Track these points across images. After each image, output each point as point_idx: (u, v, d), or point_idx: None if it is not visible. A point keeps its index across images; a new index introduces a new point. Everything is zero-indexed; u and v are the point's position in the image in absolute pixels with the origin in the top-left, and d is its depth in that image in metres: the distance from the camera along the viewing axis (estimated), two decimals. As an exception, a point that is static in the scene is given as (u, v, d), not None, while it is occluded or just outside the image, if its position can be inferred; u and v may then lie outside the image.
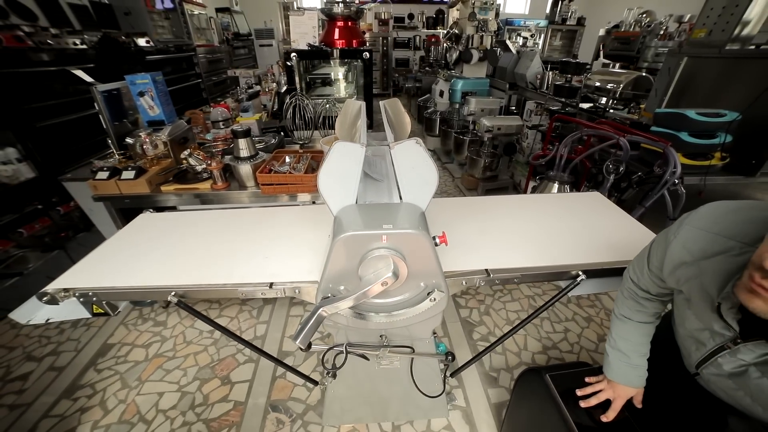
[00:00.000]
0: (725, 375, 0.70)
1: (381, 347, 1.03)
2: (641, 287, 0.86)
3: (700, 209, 0.70)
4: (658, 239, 0.80)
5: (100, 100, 1.68)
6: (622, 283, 0.93)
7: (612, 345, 0.92)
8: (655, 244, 0.80)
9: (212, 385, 1.69)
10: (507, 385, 1.69)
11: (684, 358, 0.84)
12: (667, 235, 0.74)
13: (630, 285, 0.89)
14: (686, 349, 0.81)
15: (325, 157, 0.79)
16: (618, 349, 0.90)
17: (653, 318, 0.89)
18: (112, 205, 1.73)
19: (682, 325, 0.80)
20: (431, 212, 0.87)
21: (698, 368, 0.77)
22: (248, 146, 1.63)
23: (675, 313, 0.84)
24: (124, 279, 1.05)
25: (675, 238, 0.70)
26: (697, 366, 0.77)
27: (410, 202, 0.84)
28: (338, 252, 0.76)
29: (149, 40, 3.89)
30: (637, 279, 0.87)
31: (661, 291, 0.83)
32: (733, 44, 2.16)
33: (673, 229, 0.73)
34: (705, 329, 0.71)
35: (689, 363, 0.82)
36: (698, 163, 2.04)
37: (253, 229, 1.30)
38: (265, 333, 1.99)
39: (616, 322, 0.92)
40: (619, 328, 0.91)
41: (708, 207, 0.69)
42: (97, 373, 1.71)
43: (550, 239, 1.21)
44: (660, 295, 0.85)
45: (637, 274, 0.87)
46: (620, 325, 0.91)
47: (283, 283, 1.02)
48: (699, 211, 0.70)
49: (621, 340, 0.90)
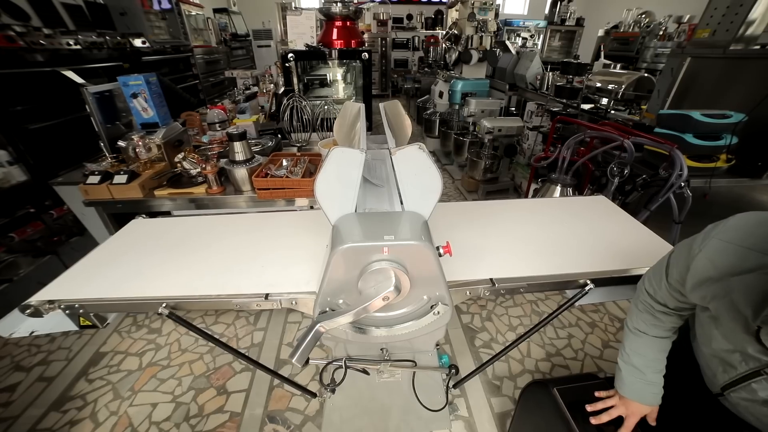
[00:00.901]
0: (760, 402, 0.65)
1: (382, 361, 0.98)
2: (658, 300, 0.81)
3: (729, 220, 0.64)
4: (678, 250, 0.74)
5: (91, 102, 1.63)
6: (636, 294, 0.88)
7: (625, 360, 0.86)
8: (675, 256, 0.75)
9: (207, 395, 1.64)
10: (510, 394, 1.64)
11: (706, 377, 0.80)
12: (691, 247, 0.68)
13: (645, 298, 0.84)
14: (710, 369, 0.76)
15: (322, 164, 0.74)
16: (632, 364, 0.84)
17: (670, 333, 0.83)
18: (104, 210, 1.68)
19: (706, 345, 0.74)
20: (432, 218, 0.83)
21: (724, 390, 0.72)
22: (244, 149, 1.59)
23: (697, 330, 0.79)
24: (113, 290, 1.01)
25: (700, 251, 0.65)
26: (723, 388, 0.73)
27: (412, 211, 0.80)
28: (336, 264, 0.71)
29: (145, 40, 3.83)
30: (654, 292, 0.81)
31: (680, 305, 0.78)
32: (737, 44, 2.13)
33: (697, 241, 0.67)
34: (735, 351, 0.66)
35: (713, 383, 0.77)
36: (703, 165, 2.00)
37: (248, 236, 1.25)
38: (262, 340, 1.94)
39: (630, 335, 0.87)
40: (632, 342, 0.86)
41: (738, 218, 0.63)
42: (89, 383, 1.66)
43: (555, 246, 1.17)
44: (678, 310, 0.80)
45: (654, 287, 0.81)
46: (634, 339, 0.85)
47: (279, 294, 0.97)
48: (728, 223, 0.64)
49: (635, 355, 0.84)
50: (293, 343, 1.93)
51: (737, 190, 2.04)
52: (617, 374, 0.89)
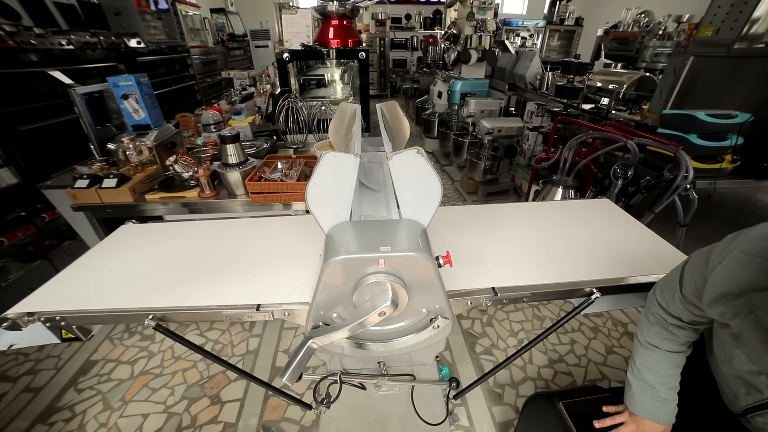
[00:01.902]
0: None
1: (379, 376, 0.94)
2: (671, 313, 0.76)
3: (751, 230, 0.59)
4: (694, 261, 0.69)
5: (79, 103, 1.58)
6: (647, 306, 0.83)
7: (635, 375, 0.81)
8: (689, 267, 0.70)
9: (201, 405, 1.59)
10: (512, 402, 1.60)
11: (725, 395, 0.74)
12: (708, 259, 0.63)
13: (657, 310, 0.79)
14: (730, 389, 0.71)
15: (314, 169, 0.70)
16: (643, 380, 0.79)
17: (684, 347, 0.78)
18: (93, 215, 1.63)
19: (726, 363, 0.69)
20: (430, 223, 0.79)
21: (747, 413, 0.67)
22: (237, 152, 1.54)
23: (716, 347, 0.74)
24: (98, 300, 0.96)
25: (720, 263, 0.60)
26: (746, 410, 0.67)
27: (410, 219, 0.76)
28: (329, 277, 0.67)
29: (140, 41, 3.78)
30: (666, 304, 0.76)
31: (695, 319, 0.72)
32: (741, 43, 2.09)
33: (716, 252, 0.62)
34: (762, 374, 0.60)
35: (733, 404, 0.72)
36: (708, 166, 1.96)
37: (241, 242, 1.21)
38: (257, 347, 1.90)
39: (641, 349, 0.81)
40: (644, 356, 0.80)
41: (762, 228, 0.57)
42: (78, 393, 1.61)
43: (559, 251, 1.13)
44: (694, 324, 0.74)
45: (666, 299, 0.76)
46: (645, 353, 0.80)
47: (271, 305, 0.93)
48: (751, 233, 0.58)
49: (646, 371, 0.79)
50: (289, 351, 1.88)
51: (743, 191, 1.99)
52: (627, 389, 0.84)
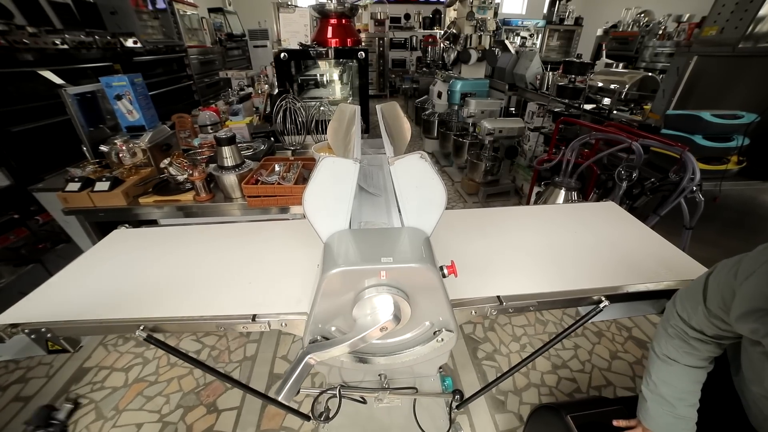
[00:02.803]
0: None
1: (380, 390, 0.90)
2: (693, 326, 0.71)
3: None
4: (719, 273, 0.64)
5: (71, 104, 1.54)
6: (665, 317, 0.78)
7: (651, 389, 0.76)
8: (715, 278, 0.65)
9: (197, 414, 1.55)
10: (516, 410, 1.56)
11: (752, 416, 0.70)
12: (738, 270, 0.59)
13: (677, 322, 0.74)
14: (760, 410, 0.67)
15: (312, 175, 0.66)
16: (659, 395, 0.75)
17: (706, 363, 0.73)
18: (86, 219, 1.59)
19: (757, 383, 0.65)
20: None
21: None
22: (233, 154, 1.50)
23: (744, 364, 0.69)
24: (87, 310, 0.92)
25: (752, 275, 0.55)
26: None
27: (413, 226, 0.72)
28: (327, 290, 0.63)
29: (137, 40, 3.73)
30: (688, 317, 0.72)
31: (720, 333, 0.68)
32: (746, 42, 2.06)
33: (747, 264, 0.58)
34: None
35: (763, 426, 0.68)
36: (713, 168, 1.93)
37: (237, 248, 1.17)
38: (255, 353, 1.86)
39: (657, 362, 0.77)
40: (661, 370, 0.76)
41: None
42: (69, 402, 1.57)
43: (565, 257, 1.09)
44: (718, 338, 0.70)
45: (688, 311, 0.71)
46: (663, 367, 0.75)
47: (267, 315, 0.89)
48: None
49: (664, 385, 0.74)
50: (287, 357, 1.84)
51: (749, 193, 1.96)
52: (641, 404, 0.79)
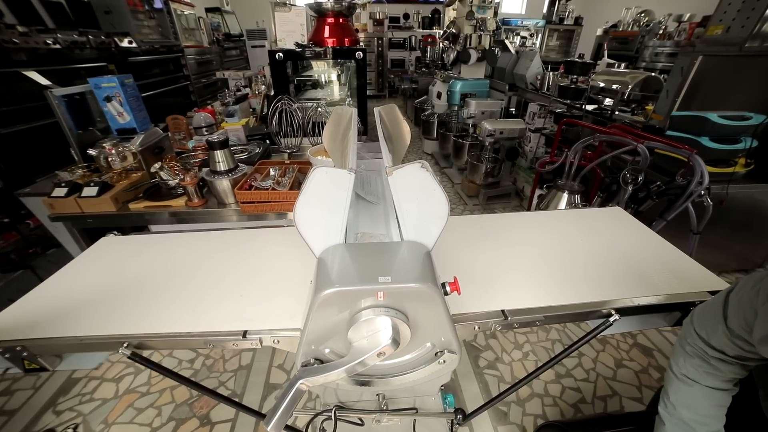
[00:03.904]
0: None
1: (378, 411, 0.85)
2: (713, 346, 0.66)
3: None
4: (741, 291, 0.59)
5: (57, 106, 1.49)
6: (683, 334, 0.72)
7: (669, 411, 0.71)
8: (736, 296, 0.60)
9: (189, 427, 1.50)
10: (519, 422, 1.51)
11: None
12: (759, 289, 0.54)
13: (696, 341, 0.68)
14: None
15: (303, 186, 0.61)
16: (679, 418, 0.69)
17: (729, 385, 0.67)
18: (73, 225, 1.54)
19: None
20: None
21: None
22: (226, 158, 1.45)
23: None
24: (69, 325, 0.87)
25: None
26: None
27: (413, 240, 0.67)
28: (321, 311, 0.58)
29: (132, 40, 3.67)
30: (707, 336, 0.66)
31: (743, 354, 0.62)
32: (753, 41, 2.01)
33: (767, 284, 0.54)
34: None
35: None
36: (720, 170, 1.89)
37: (229, 257, 1.12)
38: (250, 362, 1.80)
39: (676, 382, 0.71)
40: (679, 391, 0.70)
41: None
42: (56, 415, 1.51)
43: (572, 267, 1.04)
44: (741, 359, 0.64)
45: (707, 330, 0.66)
46: (682, 387, 0.70)
47: (259, 332, 0.84)
48: None
49: (683, 408, 0.69)
50: (284, 366, 1.79)
51: (757, 195, 1.92)
52: (658, 427, 0.73)
